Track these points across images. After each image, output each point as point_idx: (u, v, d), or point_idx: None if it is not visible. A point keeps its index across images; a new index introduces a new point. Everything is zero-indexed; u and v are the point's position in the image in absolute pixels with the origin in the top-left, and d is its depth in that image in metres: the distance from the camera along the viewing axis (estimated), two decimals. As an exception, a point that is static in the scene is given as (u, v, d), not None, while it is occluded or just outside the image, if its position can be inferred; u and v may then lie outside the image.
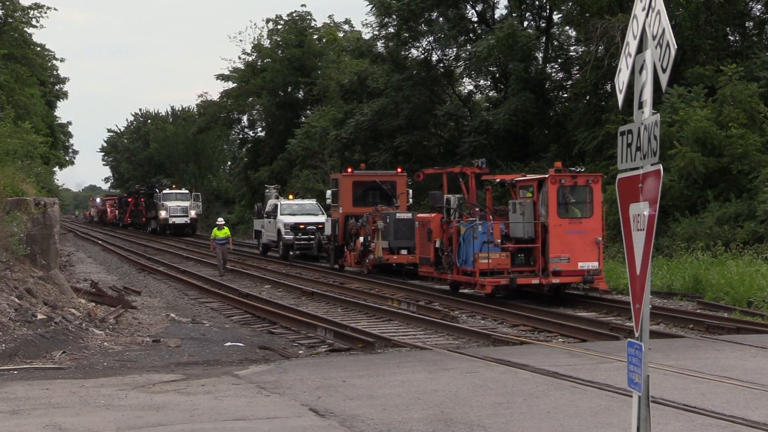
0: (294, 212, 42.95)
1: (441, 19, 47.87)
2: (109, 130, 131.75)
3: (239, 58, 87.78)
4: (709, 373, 13.53)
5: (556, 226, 23.43)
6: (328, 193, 38.25)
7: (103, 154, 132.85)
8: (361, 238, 33.58)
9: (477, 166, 27.61)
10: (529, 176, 25.98)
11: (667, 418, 10.71)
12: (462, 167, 28.58)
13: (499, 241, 23.86)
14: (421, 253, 27.93)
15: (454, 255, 25.25)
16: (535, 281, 23.68)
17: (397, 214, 32.72)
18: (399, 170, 37.52)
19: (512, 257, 23.95)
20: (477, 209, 25.94)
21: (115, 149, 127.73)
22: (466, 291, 26.21)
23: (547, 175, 23.80)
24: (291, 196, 47.61)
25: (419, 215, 29.25)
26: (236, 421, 10.97)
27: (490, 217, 25.14)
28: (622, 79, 7.29)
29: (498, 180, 27.87)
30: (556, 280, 23.55)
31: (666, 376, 13.20)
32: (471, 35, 48.71)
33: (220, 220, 36.21)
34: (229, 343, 18.05)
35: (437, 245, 26.49)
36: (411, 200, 37.01)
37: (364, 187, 36.16)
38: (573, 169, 25.39)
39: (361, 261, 33.67)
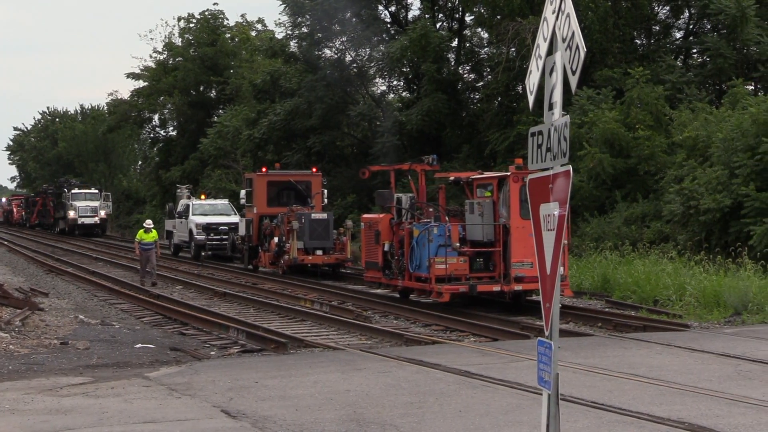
0: (206, 212, 42.59)
1: (354, 19, 47.88)
2: (15, 128, 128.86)
3: (150, 56, 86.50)
4: (617, 370, 13.77)
5: (518, 228, 21.43)
6: (242, 192, 37.92)
7: (8, 153, 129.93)
8: (276, 239, 33.23)
9: (427, 162, 25.44)
10: (488, 174, 24.44)
11: (576, 415, 10.87)
12: (411, 164, 26.55)
13: (458, 244, 22.09)
14: (367, 257, 25.79)
15: (405, 259, 23.37)
16: (497, 288, 21.85)
17: (313, 215, 32.51)
18: (314, 170, 37.36)
19: (470, 262, 22.19)
20: (431, 209, 24.17)
21: (21, 148, 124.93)
22: (418, 299, 24.44)
23: (508, 173, 21.97)
24: (203, 196, 47.18)
25: (365, 216, 27.14)
26: (146, 424, 10.83)
27: (446, 218, 23.24)
28: (532, 80, 7.37)
29: (452, 178, 25.37)
30: (518, 287, 21.63)
31: (575, 374, 13.40)
32: (384, 36, 48.83)
33: (148, 222, 32.77)
34: (139, 345, 17.82)
35: (386, 248, 24.50)
36: (326, 200, 36.88)
37: (278, 187, 35.88)
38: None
39: (276, 262, 33.33)
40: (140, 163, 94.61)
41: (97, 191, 71.40)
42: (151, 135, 78.22)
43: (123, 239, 64.26)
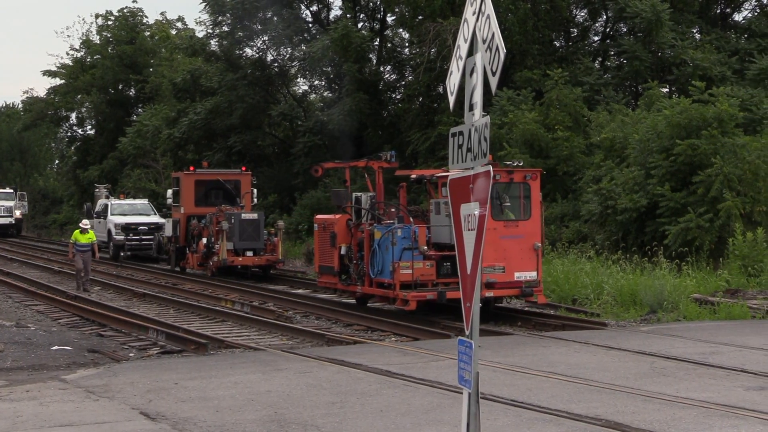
0: (125, 212, 42.01)
1: (275, 18, 47.69)
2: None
3: (67, 53, 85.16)
4: (536, 368, 13.93)
5: (489, 230, 18.90)
6: (169, 192, 37.25)
7: None
8: (204, 240, 32.56)
9: (385, 159, 23.77)
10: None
11: (496, 413, 10.97)
12: (368, 161, 24.65)
13: (425, 248, 20.55)
14: (321, 260, 23.86)
15: (366, 264, 21.65)
16: None
17: (243, 215, 31.88)
18: (243, 169, 36.81)
19: (436, 267, 20.59)
20: (392, 210, 22.69)
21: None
22: (385, 307, 22.79)
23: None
24: (122, 196, 46.55)
25: (319, 216, 25.06)
26: (63, 428, 10.65)
27: (410, 219, 21.91)
28: (453, 81, 7.42)
29: (414, 176, 23.87)
30: (489, 294, 20.03)
31: (495, 373, 13.52)
32: (306, 35, 48.72)
33: (85, 222, 29.75)
34: (56, 347, 17.51)
35: (343, 252, 22.71)
36: (255, 200, 36.34)
37: (206, 187, 35.16)
38: (508, 163, 21.72)
39: (205, 263, 32.60)
40: (57, 162, 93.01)
41: (12, 191, 69.90)
42: (69, 134, 76.99)
43: (39, 239, 63.11)
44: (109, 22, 68.95)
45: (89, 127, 74.42)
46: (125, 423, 10.88)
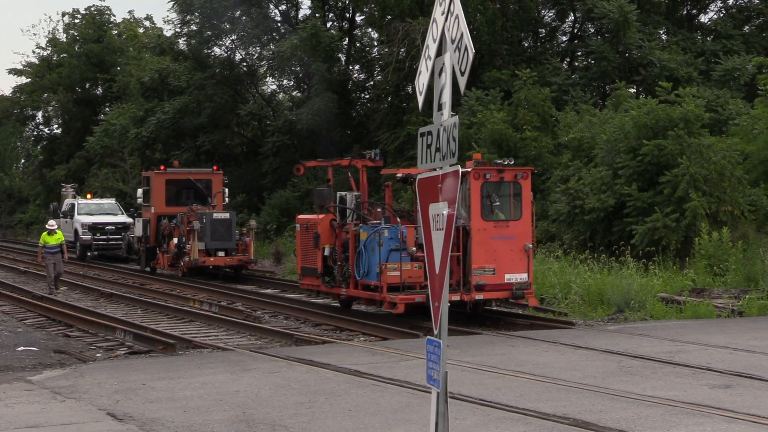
0: (92, 212, 41.78)
1: (244, 17, 47.55)
2: None
3: (33, 52, 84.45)
4: (504, 368, 13.97)
5: (479, 231, 19.50)
6: (139, 191, 36.93)
7: None
8: (175, 240, 32.24)
9: (369, 158, 23.22)
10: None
11: (465, 413, 10.99)
12: (351, 159, 23.99)
13: (413, 249, 19.81)
14: (304, 262, 23.15)
15: (351, 266, 20.98)
16: (456, 298, 19.14)
17: (214, 214, 31.54)
18: (215, 168, 36.51)
19: (424, 269, 20.33)
20: (378, 210, 21.93)
21: None
22: (369, 309, 22.43)
23: (468, 169, 19.59)
24: (89, 196, 46.25)
25: (301, 216, 24.37)
26: (28, 429, 10.57)
27: (397, 219, 21.16)
28: (422, 81, 7.43)
29: (400, 175, 22.86)
30: (479, 296, 19.61)
31: (464, 372, 13.54)
32: (274, 35, 48.62)
33: (51, 223, 28.36)
34: (21, 348, 17.37)
35: (326, 253, 22.05)
36: (227, 199, 36.04)
37: (177, 186, 34.80)
38: (499, 161, 20.86)
39: (176, 263, 32.26)
40: (23, 161, 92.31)
41: (-24, 190, 69.46)
42: (35, 133, 76.52)
43: (5, 239, 62.63)
44: (76, 21, 68.53)
45: (56, 126, 73.98)
46: (92, 424, 10.81)
